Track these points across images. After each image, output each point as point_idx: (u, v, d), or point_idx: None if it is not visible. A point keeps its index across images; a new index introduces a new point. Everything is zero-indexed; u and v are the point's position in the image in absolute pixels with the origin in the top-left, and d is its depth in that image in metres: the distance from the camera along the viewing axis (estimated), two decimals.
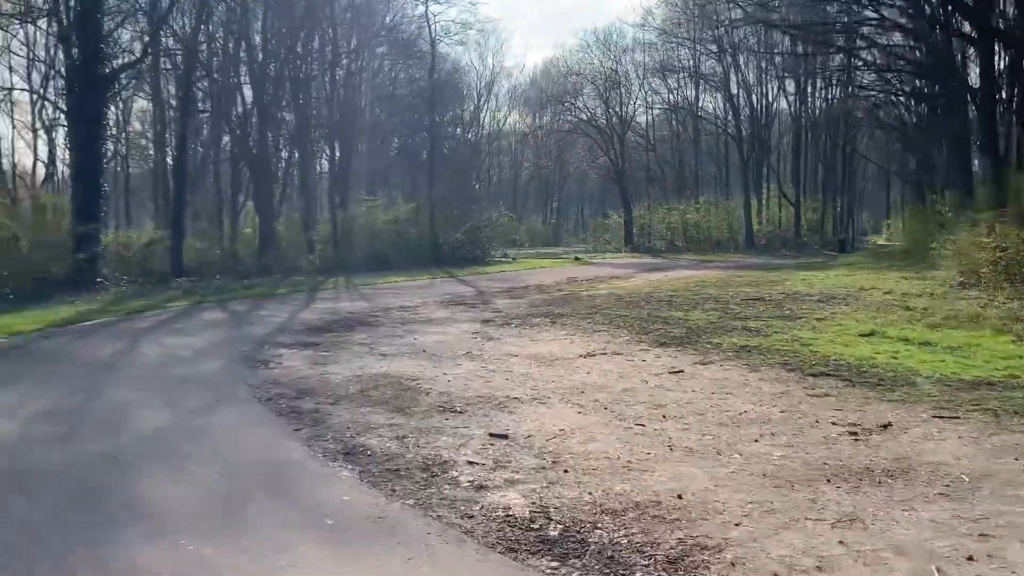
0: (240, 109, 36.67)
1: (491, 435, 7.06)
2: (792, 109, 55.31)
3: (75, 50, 23.71)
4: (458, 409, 8.06)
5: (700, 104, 60.25)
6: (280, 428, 7.59)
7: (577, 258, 45.24)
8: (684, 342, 11.99)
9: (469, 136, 74.11)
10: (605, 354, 11.11)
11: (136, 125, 48.38)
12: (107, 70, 23.93)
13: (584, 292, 21.68)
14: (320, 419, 7.82)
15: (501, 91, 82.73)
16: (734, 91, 55.23)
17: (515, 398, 8.50)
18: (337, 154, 39.01)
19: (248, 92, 35.29)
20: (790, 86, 54.93)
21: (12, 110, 39.37)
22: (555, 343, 12.30)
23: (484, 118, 78.93)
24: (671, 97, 60.56)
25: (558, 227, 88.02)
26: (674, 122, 62.13)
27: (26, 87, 36.48)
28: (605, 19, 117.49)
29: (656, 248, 55.51)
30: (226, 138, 43.19)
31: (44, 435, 7.33)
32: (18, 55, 34.85)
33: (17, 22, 29.07)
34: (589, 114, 59.25)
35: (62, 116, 31.64)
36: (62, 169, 38.54)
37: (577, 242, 78.33)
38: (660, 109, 61.78)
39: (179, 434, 7.38)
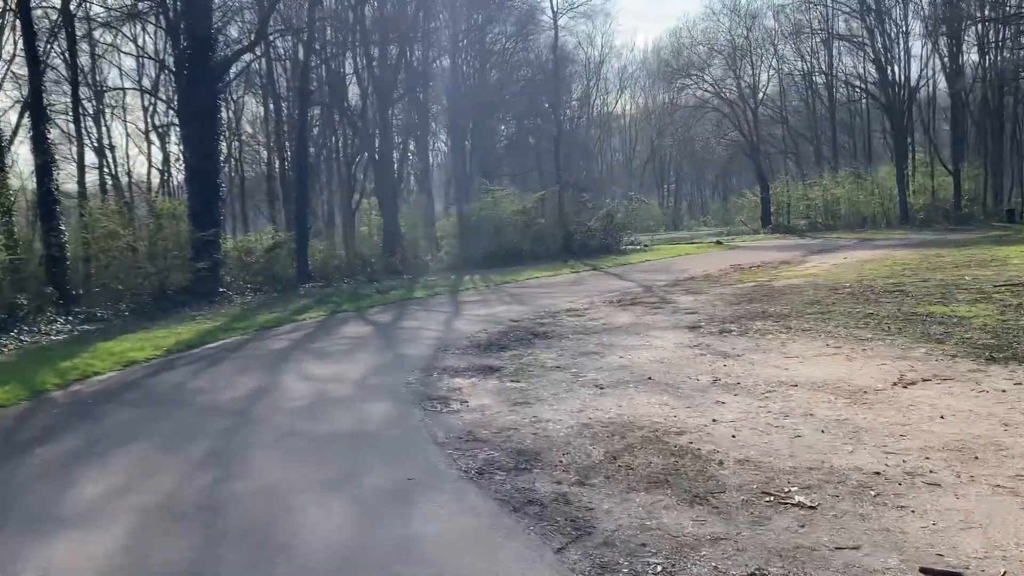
0: (355, 101, 34.55)
1: (924, 571, 3.95)
2: (946, 67, 49.77)
3: (184, 38, 21.63)
4: (798, 498, 4.98)
5: (836, 69, 55.40)
6: (531, 547, 4.63)
7: (718, 242, 41.53)
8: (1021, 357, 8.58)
9: (581, 120, 70.60)
10: (927, 379, 7.82)
11: (247, 128, 47.00)
12: (218, 57, 21.69)
13: (774, 282, 18.28)
14: (583, 521, 4.87)
15: (610, 72, 79.10)
16: (880, 52, 50.02)
17: (876, 473, 5.36)
18: (455, 143, 36.27)
19: (365, 81, 32.98)
20: (942, 44, 49.48)
21: (124, 114, 38.25)
22: (826, 361, 9.06)
23: (594, 101, 75.37)
24: (805, 64, 55.76)
25: (676, 210, 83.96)
26: (808, 91, 57.23)
27: (136, 88, 34.99)
28: None
29: (797, 228, 51.11)
30: (334, 137, 41.28)
31: (160, 567, 4.61)
32: (127, 53, 33.43)
33: (125, 19, 27.37)
34: (717, 87, 55.13)
35: (174, 116, 29.97)
36: (177, 176, 37.20)
37: (698, 225, 74.18)
38: (794, 77, 56.92)
39: (372, 568, 4.52)
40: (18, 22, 22.90)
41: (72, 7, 24.14)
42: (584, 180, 41.81)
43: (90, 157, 33.76)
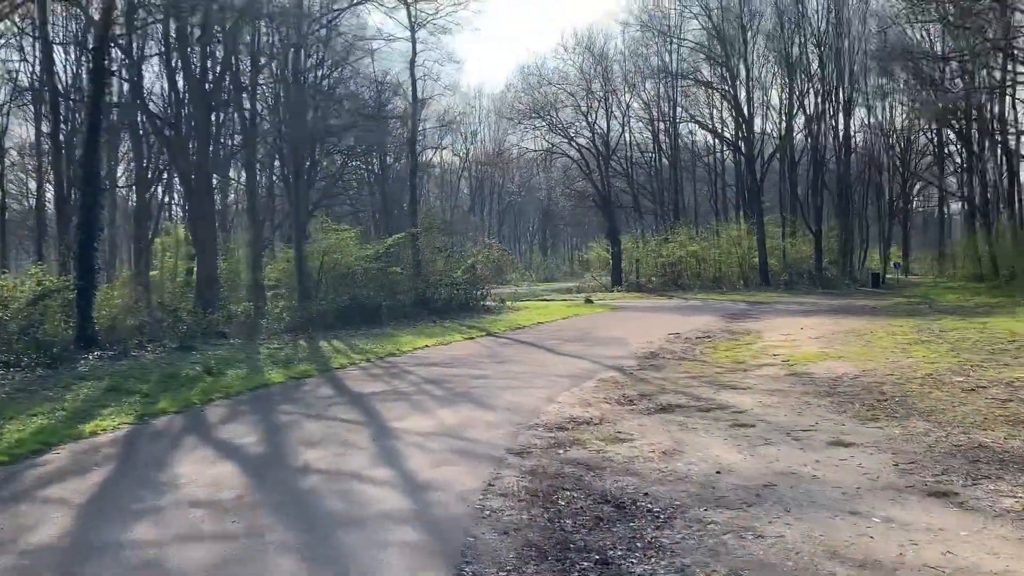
0: (163, 106, 26.70)
1: None
2: (811, 125, 47.70)
3: None
4: None
5: (687, 120, 52.60)
6: None
7: (589, 300, 36.39)
8: None
9: (398, 164, 64.32)
10: None
11: (13, 154, 36.66)
12: None
13: (810, 371, 12.70)
14: None
15: (431, 116, 73.62)
16: (743, 102, 47.36)
17: None
18: (296, 170, 28.75)
19: (178, 79, 25.24)
20: (809, 99, 47.63)
21: None
22: None
23: (415, 145, 69.39)
24: (657, 110, 52.17)
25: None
26: (662, 142, 53.51)
27: None
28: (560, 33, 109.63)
29: (649, 286, 47.06)
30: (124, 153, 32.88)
31: None
32: None
33: None
34: (566, 132, 50.35)
35: None
36: None
37: (525, 279, 69.61)
38: (643, 123, 53.28)
39: None
40: None
41: None
42: (444, 224, 35.42)
43: None
